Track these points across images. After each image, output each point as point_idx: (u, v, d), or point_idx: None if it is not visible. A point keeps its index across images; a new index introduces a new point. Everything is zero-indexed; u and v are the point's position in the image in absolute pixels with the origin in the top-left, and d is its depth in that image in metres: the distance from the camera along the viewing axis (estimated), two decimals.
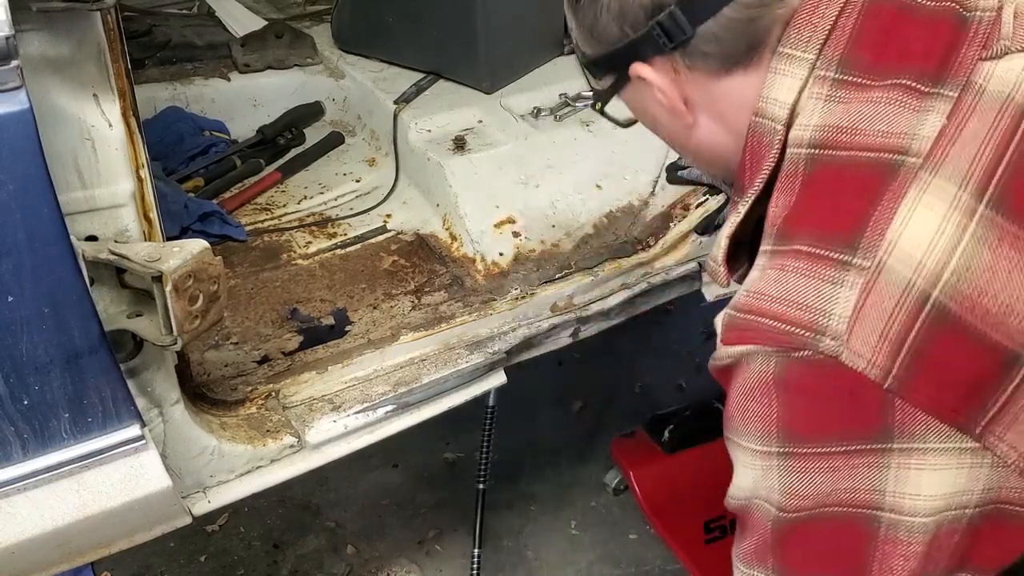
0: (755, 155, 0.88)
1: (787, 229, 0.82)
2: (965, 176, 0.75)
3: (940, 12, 0.83)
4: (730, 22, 0.85)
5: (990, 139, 0.76)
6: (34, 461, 1.01)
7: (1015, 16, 0.81)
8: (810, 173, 0.82)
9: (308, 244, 1.75)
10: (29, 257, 0.89)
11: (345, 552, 2.21)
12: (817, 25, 0.84)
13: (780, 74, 0.85)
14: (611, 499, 2.34)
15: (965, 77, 0.79)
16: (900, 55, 0.82)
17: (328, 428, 1.31)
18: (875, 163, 0.78)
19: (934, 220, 0.74)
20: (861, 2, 0.84)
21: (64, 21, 0.93)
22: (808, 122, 0.83)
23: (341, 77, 2.18)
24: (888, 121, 0.79)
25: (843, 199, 0.79)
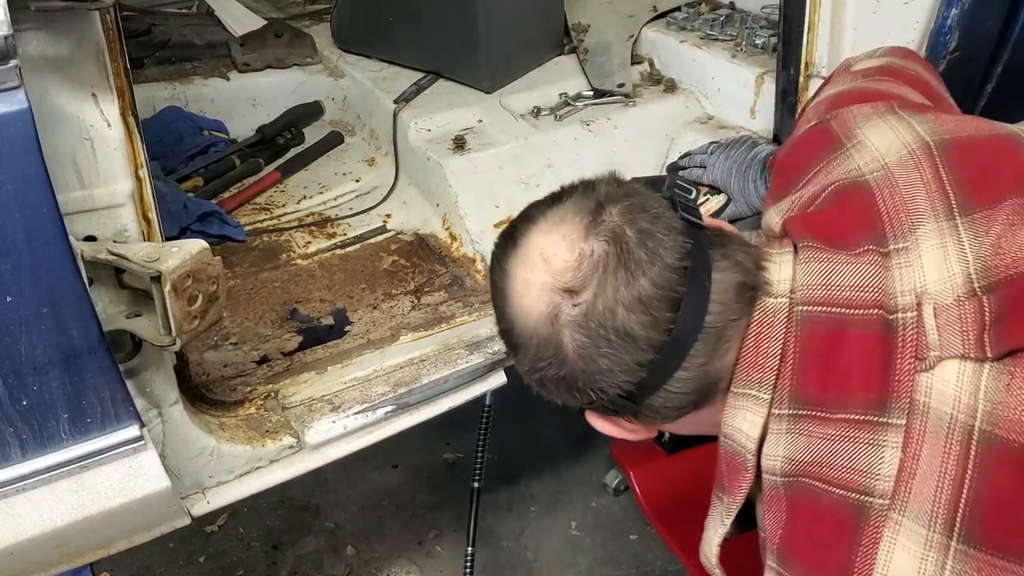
0: (731, 468, 0.93)
1: (785, 556, 0.87)
2: (931, 516, 0.79)
3: (868, 323, 0.85)
4: (672, 394, 0.90)
5: (946, 472, 0.79)
6: (33, 462, 1.00)
7: (936, 316, 0.83)
8: (791, 498, 0.87)
9: (307, 244, 1.75)
10: (28, 257, 0.89)
11: (345, 553, 2.20)
12: (764, 365, 0.88)
13: (741, 409, 0.90)
14: (611, 499, 2.34)
15: (907, 397, 0.82)
16: (842, 384, 0.85)
17: (327, 429, 1.31)
18: (846, 502, 0.83)
19: (913, 562, 0.79)
20: (795, 329, 0.87)
21: (63, 20, 0.93)
22: (776, 453, 0.87)
23: (341, 76, 2.17)
24: (849, 457, 0.83)
25: (827, 536, 0.84)
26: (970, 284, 0.83)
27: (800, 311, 0.87)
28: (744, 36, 1.96)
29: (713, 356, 0.88)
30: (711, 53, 1.97)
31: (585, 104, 1.96)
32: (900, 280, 0.86)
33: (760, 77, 1.84)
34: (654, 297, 0.85)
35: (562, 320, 0.87)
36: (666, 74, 2.07)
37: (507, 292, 0.92)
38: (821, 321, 0.86)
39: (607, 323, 0.85)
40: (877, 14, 1.57)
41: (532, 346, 0.90)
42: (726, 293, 0.88)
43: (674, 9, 2.18)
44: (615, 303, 0.84)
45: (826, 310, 0.86)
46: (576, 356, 0.88)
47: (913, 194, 0.90)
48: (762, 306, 0.89)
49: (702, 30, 2.06)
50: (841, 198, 0.94)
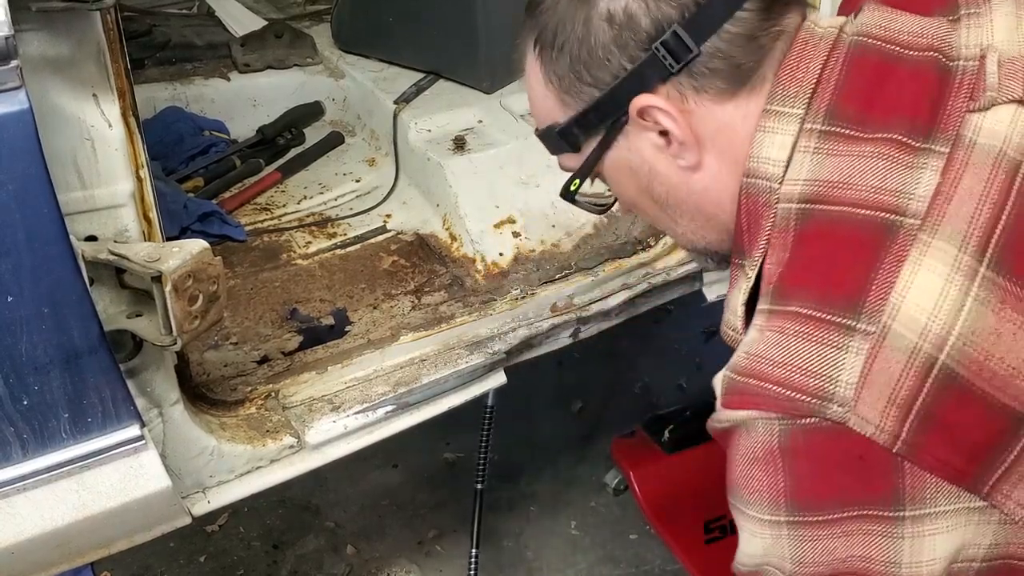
0: (752, 216, 0.87)
1: (784, 288, 0.81)
2: (965, 237, 0.75)
3: (924, 62, 0.83)
4: (733, 37, 0.84)
5: (986, 197, 0.76)
6: (34, 461, 1.01)
7: (999, 65, 0.81)
8: (802, 228, 0.81)
9: (308, 244, 1.75)
10: (29, 257, 0.89)
11: (345, 552, 2.20)
12: (803, 79, 0.84)
13: (770, 132, 0.85)
14: (611, 499, 2.34)
15: (955, 131, 0.79)
16: (887, 108, 0.81)
17: (328, 428, 1.31)
18: (872, 222, 0.78)
19: (937, 283, 0.74)
20: (845, 53, 0.84)
21: (64, 21, 0.93)
22: (798, 176, 0.82)
23: (341, 77, 2.18)
24: (881, 176, 0.79)
25: (841, 259, 0.79)
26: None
27: (853, 39, 0.84)
28: None
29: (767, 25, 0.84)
30: None
31: None
32: (967, 36, 0.84)
33: None
34: None
35: None
36: None
37: None
38: (874, 50, 0.84)
39: None
40: None
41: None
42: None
43: None
44: None
45: (880, 44, 0.84)
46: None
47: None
48: (809, 30, 0.86)
49: None
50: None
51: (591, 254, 1.70)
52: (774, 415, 0.78)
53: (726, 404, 0.82)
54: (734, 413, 0.81)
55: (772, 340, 0.79)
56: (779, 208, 0.83)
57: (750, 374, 0.80)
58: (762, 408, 0.78)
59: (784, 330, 0.79)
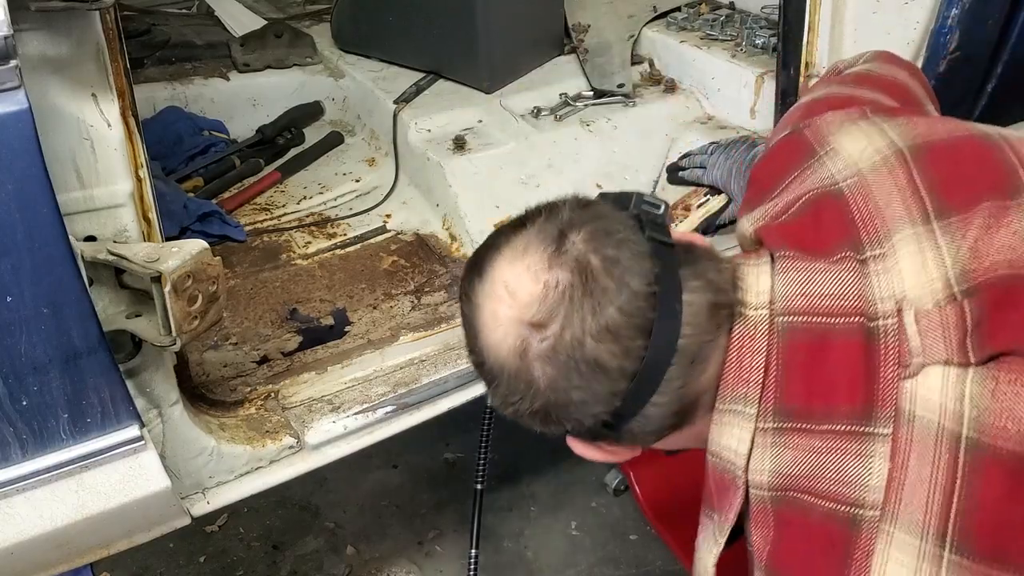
0: (720, 486, 0.91)
1: (775, 572, 0.86)
2: (924, 526, 0.78)
3: (850, 331, 0.84)
4: (649, 419, 0.88)
5: (936, 482, 0.79)
6: (33, 462, 1.00)
7: (917, 322, 0.83)
8: (779, 512, 0.86)
9: (308, 244, 1.75)
10: (28, 257, 0.89)
11: (345, 553, 2.20)
12: (748, 380, 0.86)
13: (727, 425, 0.88)
14: (611, 499, 2.34)
15: (892, 405, 0.81)
16: (826, 394, 0.84)
17: (327, 429, 1.31)
18: (837, 516, 0.82)
19: (907, 575, 0.78)
20: (776, 340, 0.86)
21: (63, 21, 0.93)
22: (762, 467, 0.86)
23: (341, 77, 2.17)
24: (836, 469, 0.82)
25: (817, 555, 0.83)
26: (949, 289, 0.83)
27: (781, 322, 0.86)
28: (744, 36, 1.96)
29: (689, 378, 0.87)
30: (711, 53, 1.97)
31: (585, 104, 1.96)
32: (879, 287, 0.85)
33: (760, 77, 1.84)
34: (623, 325, 0.83)
35: (531, 354, 0.84)
36: (666, 74, 2.07)
37: (477, 325, 0.89)
38: (802, 331, 0.85)
39: (576, 355, 0.83)
40: (877, 14, 1.58)
41: (504, 380, 0.88)
42: (698, 315, 0.86)
43: (674, 9, 2.18)
44: (583, 334, 0.82)
45: (807, 320, 0.86)
46: (548, 389, 0.85)
47: (888, 200, 0.89)
48: (743, 321, 0.88)
49: (702, 30, 2.06)
50: (815, 207, 0.94)
51: None
52: None
53: None
54: None
55: None
56: (752, 492, 0.88)
57: None
58: None
59: None
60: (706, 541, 0.96)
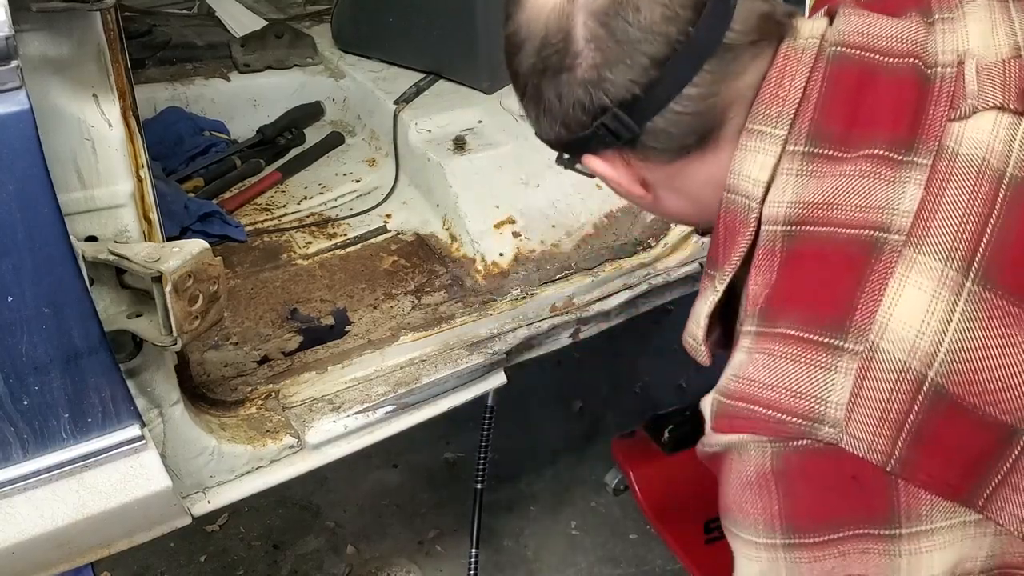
0: (729, 231, 0.87)
1: (771, 310, 0.80)
2: (949, 251, 0.75)
3: (903, 70, 0.82)
4: (679, 116, 0.83)
5: (970, 210, 0.75)
6: (34, 461, 1.01)
7: (978, 71, 0.81)
8: (788, 250, 0.81)
9: (308, 244, 1.75)
10: (29, 257, 0.89)
11: (345, 552, 2.20)
12: (785, 99, 0.83)
13: (751, 151, 0.84)
14: (611, 499, 2.34)
15: (936, 141, 0.78)
16: (869, 122, 0.81)
17: (328, 428, 1.31)
18: (856, 240, 0.77)
19: (923, 300, 0.74)
20: (824, 67, 0.83)
21: (64, 21, 0.93)
22: (781, 198, 0.82)
23: (341, 77, 2.18)
24: (865, 195, 0.78)
25: (827, 279, 0.78)
26: (1017, 50, 0.81)
27: (832, 51, 0.83)
28: None
29: (725, 80, 0.82)
30: None
31: None
32: (943, 42, 0.83)
33: None
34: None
35: (578, 3, 0.80)
36: None
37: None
38: (853, 61, 0.83)
39: (626, 9, 0.79)
40: None
41: (539, 35, 0.83)
42: (749, 18, 0.82)
43: None
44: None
45: (860, 53, 0.83)
46: (586, 44, 0.81)
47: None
48: (791, 43, 0.83)
49: None
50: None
51: (591, 254, 1.70)
52: (766, 438, 0.77)
53: (717, 428, 0.82)
54: (725, 437, 0.80)
55: (761, 362, 0.79)
56: (763, 230, 0.83)
57: (740, 397, 0.79)
58: (753, 431, 0.78)
59: (772, 352, 0.78)
60: (703, 295, 0.91)
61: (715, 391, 0.83)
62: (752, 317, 0.82)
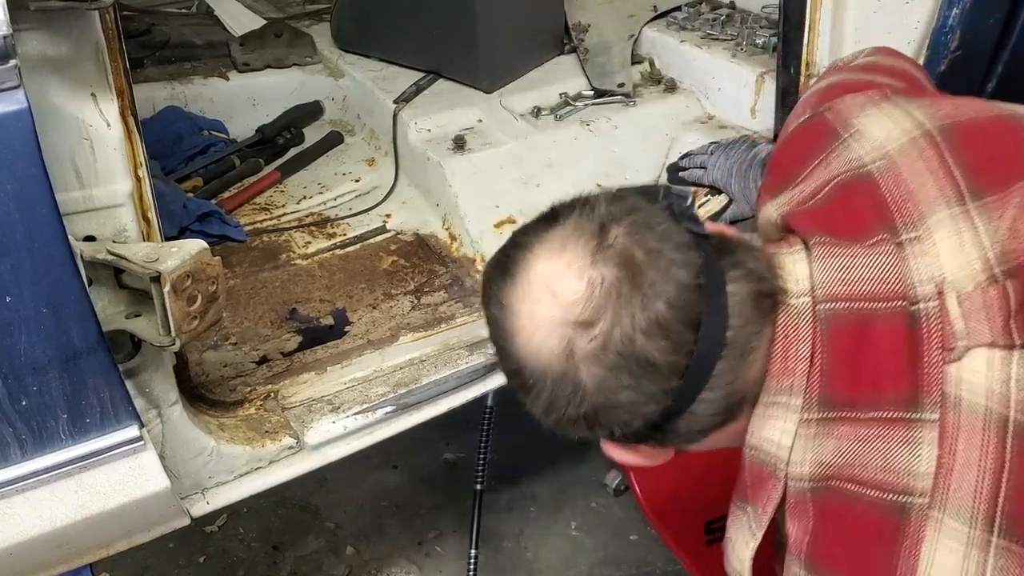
0: (757, 480, 0.89)
1: (816, 562, 0.84)
2: (973, 511, 0.77)
3: (893, 316, 0.83)
4: (699, 416, 0.86)
5: (984, 466, 0.78)
6: (32, 462, 1.00)
7: (960, 304, 0.82)
8: (820, 502, 0.84)
9: (307, 244, 1.75)
10: (27, 257, 0.88)
11: (344, 553, 2.20)
12: (795, 371, 0.85)
13: (770, 419, 0.86)
14: (611, 500, 2.33)
15: (939, 390, 0.80)
16: (872, 382, 0.82)
17: (327, 429, 1.31)
18: (884, 504, 0.80)
19: (956, 561, 0.77)
20: (821, 329, 0.84)
21: (62, 20, 0.93)
22: (803, 458, 0.84)
23: (340, 76, 2.17)
24: (883, 457, 0.81)
25: (863, 543, 0.81)
26: (990, 270, 0.82)
27: (823, 309, 0.84)
28: (744, 36, 1.96)
29: (738, 372, 0.85)
30: (711, 53, 1.96)
31: (585, 104, 1.96)
32: (918, 270, 0.83)
33: (760, 77, 1.84)
34: (672, 319, 0.80)
35: (578, 355, 0.81)
36: (666, 74, 2.07)
37: (511, 330, 0.85)
38: (845, 317, 0.84)
39: (627, 353, 0.80)
40: (878, 13, 1.57)
41: (547, 386, 0.84)
42: (743, 305, 0.84)
43: (674, 9, 2.18)
44: (633, 331, 0.79)
45: (848, 306, 0.84)
46: (597, 392, 0.82)
47: (920, 182, 0.88)
48: (785, 311, 0.86)
49: (702, 30, 2.06)
50: (845, 191, 0.92)
51: None
52: None
53: None
54: None
55: None
56: (790, 484, 0.86)
57: None
58: None
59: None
60: (740, 534, 0.93)
61: None
62: (798, 563, 0.85)
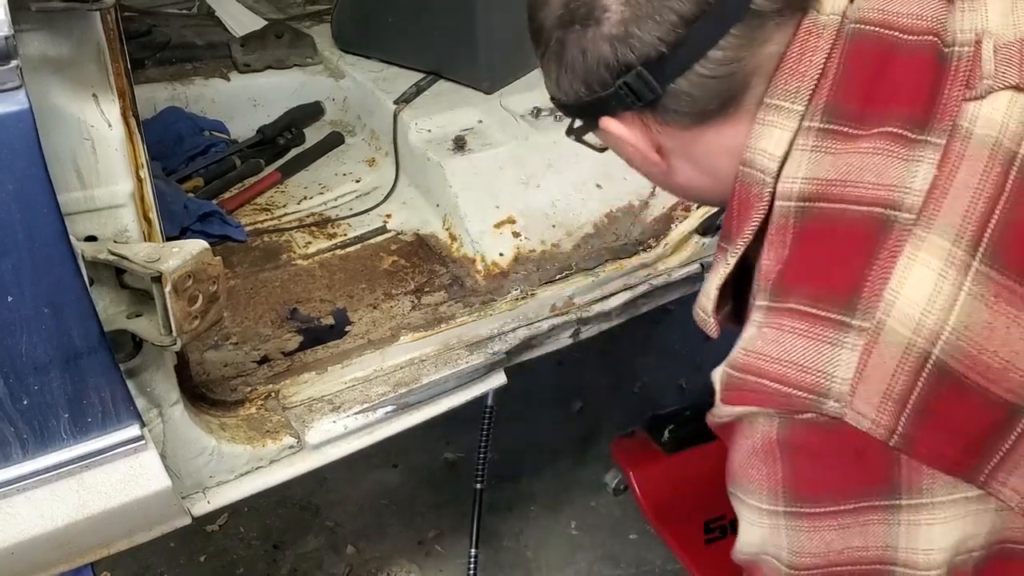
0: (743, 204, 0.87)
1: (782, 285, 0.81)
2: (959, 231, 0.75)
3: (921, 48, 0.82)
4: (702, 79, 0.84)
5: (981, 190, 0.76)
6: (34, 461, 1.01)
7: (995, 51, 0.81)
8: (801, 227, 0.82)
9: (308, 244, 1.75)
10: (29, 257, 0.89)
11: (345, 552, 2.20)
12: (805, 74, 0.83)
13: (768, 125, 0.85)
14: (611, 499, 2.34)
15: (951, 121, 0.79)
16: (886, 100, 0.81)
17: (328, 429, 1.31)
18: (868, 218, 0.78)
19: (930, 278, 0.75)
20: (843, 44, 0.84)
21: (63, 21, 0.93)
22: (796, 174, 0.82)
23: (341, 77, 2.17)
24: (878, 172, 0.79)
25: (837, 256, 0.79)
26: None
27: (851, 28, 0.84)
28: None
29: (750, 46, 0.82)
30: None
31: None
32: (962, 20, 0.83)
33: None
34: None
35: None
36: None
37: None
38: (872, 39, 0.83)
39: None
40: None
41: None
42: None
43: None
44: None
45: (879, 31, 0.83)
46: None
47: None
48: (813, 18, 0.84)
49: None
50: None
51: (591, 254, 1.70)
52: (772, 410, 0.79)
53: (725, 400, 0.83)
54: (733, 408, 0.82)
55: (770, 336, 0.80)
56: (776, 205, 0.83)
57: (748, 370, 0.81)
58: (760, 404, 0.80)
59: (781, 327, 0.79)
60: (715, 269, 0.92)
61: (725, 363, 0.84)
62: (764, 292, 0.83)
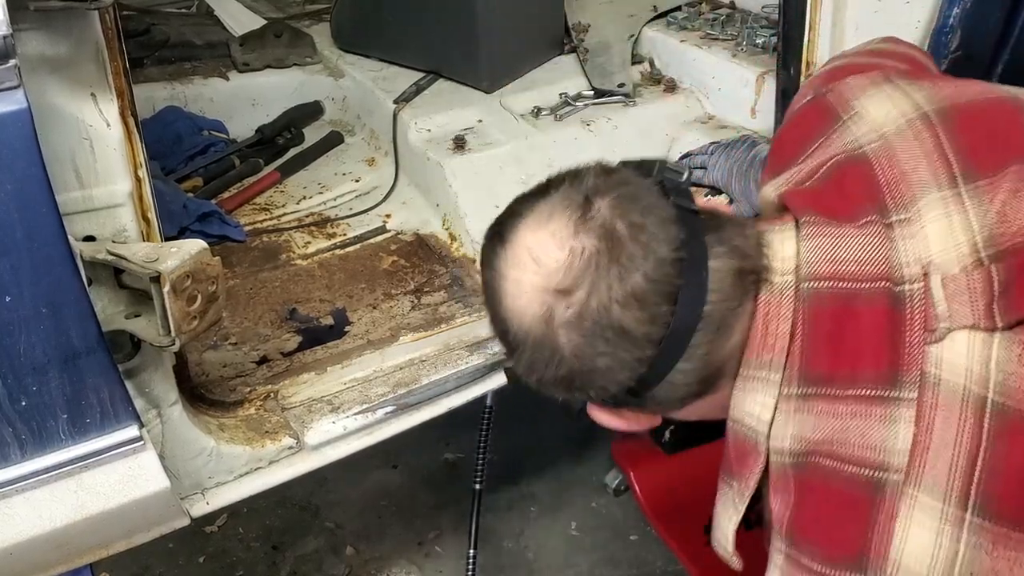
0: (740, 453, 0.91)
1: (795, 538, 0.85)
2: (947, 488, 0.78)
3: (876, 297, 0.84)
4: (676, 384, 0.88)
5: (960, 444, 0.79)
6: (32, 462, 1.00)
7: (944, 287, 0.82)
8: (800, 477, 0.85)
9: (307, 244, 1.75)
10: (27, 257, 0.88)
11: (344, 553, 2.20)
12: (774, 346, 0.86)
13: (750, 392, 0.88)
14: (611, 500, 2.34)
15: (918, 369, 0.81)
16: (851, 361, 0.84)
17: (327, 429, 1.31)
18: (861, 480, 0.82)
19: (929, 537, 0.78)
20: (803, 307, 0.86)
21: (62, 20, 0.93)
22: (785, 433, 0.86)
23: (340, 76, 2.17)
24: (861, 433, 0.82)
25: (840, 516, 0.83)
26: (976, 254, 0.83)
27: (806, 288, 0.86)
28: (744, 36, 1.96)
29: (715, 344, 0.86)
30: (711, 53, 1.96)
31: (585, 104, 1.96)
32: (905, 251, 0.84)
33: (760, 77, 1.84)
34: (649, 292, 0.83)
35: (556, 321, 0.84)
36: (666, 74, 2.06)
37: (499, 293, 0.90)
38: (828, 296, 0.85)
39: (602, 321, 0.83)
40: (878, 13, 1.57)
41: (528, 348, 0.88)
42: (724, 280, 0.85)
43: (674, 9, 2.18)
44: (609, 301, 0.82)
45: (832, 285, 0.85)
46: (573, 357, 0.86)
47: (914, 164, 0.89)
48: (768, 288, 0.87)
49: (702, 30, 2.06)
50: (840, 172, 0.93)
51: None
52: None
53: None
54: None
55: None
56: (772, 459, 0.88)
57: None
58: None
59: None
60: (725, 509, 0.96)
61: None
62: (780, 538, 0.87)
